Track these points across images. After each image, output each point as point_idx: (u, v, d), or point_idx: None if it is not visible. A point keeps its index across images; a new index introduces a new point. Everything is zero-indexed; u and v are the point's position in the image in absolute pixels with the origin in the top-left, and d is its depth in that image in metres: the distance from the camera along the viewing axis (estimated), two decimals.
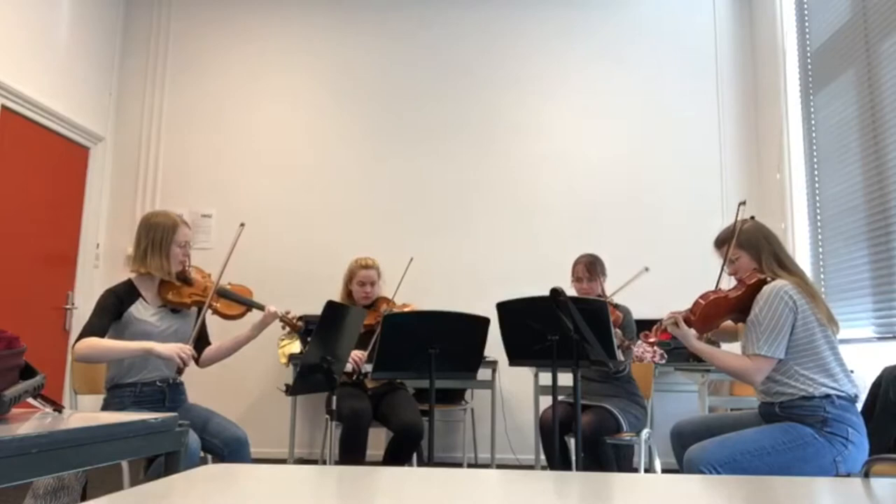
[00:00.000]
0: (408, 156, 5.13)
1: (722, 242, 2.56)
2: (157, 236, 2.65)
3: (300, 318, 2.87)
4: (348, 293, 3.54)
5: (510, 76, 5.17)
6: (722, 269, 2.53)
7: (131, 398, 2.56)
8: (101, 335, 2.50)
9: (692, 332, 2.44)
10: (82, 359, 2.47)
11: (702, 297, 2.45)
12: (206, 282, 2.77)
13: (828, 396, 2.21)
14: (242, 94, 5.25)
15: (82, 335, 2.48)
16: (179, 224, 2.71)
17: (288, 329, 2.83)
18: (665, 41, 5.16)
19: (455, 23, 5.26)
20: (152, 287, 2.69)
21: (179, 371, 2.53)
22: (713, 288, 2.48)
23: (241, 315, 2.79)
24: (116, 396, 2.57)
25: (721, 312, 2.45)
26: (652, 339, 2.47)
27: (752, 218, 2.53)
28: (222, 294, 2.75)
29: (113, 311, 2.57)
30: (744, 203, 2.55)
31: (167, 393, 2.64)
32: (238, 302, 2.78)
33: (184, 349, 2.48)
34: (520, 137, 5.10)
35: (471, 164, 5.09)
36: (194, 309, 2.77)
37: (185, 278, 2.73)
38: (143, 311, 2.62)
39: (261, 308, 2.77)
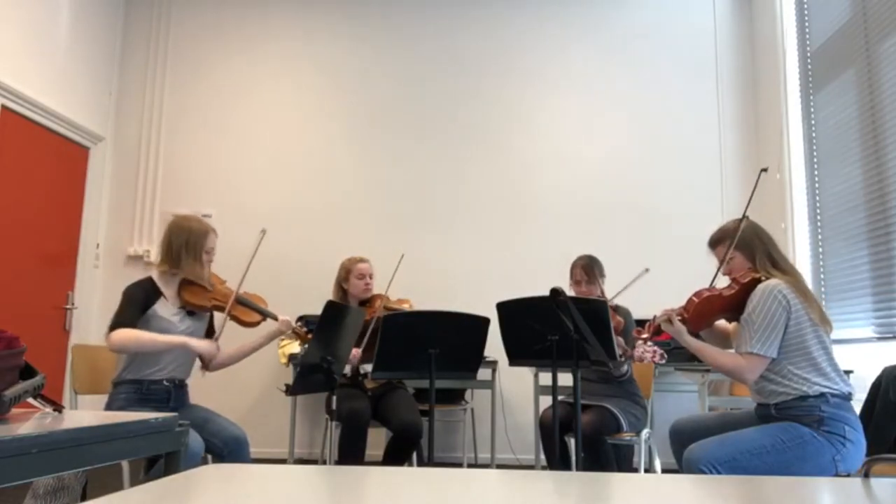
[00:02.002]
0: (407, 155, 5.12)
1: (715, 242, 2.57)
2: (192, 240, 2.73)
3: (301, 319, 2.91)
4: (342, 292, 3.55)
5: (511, 75, 5.17)
6: (718, 270, 2.53)
7: (137, 395, 2.59)
8: (132, 327, 2.55)
9: (685, 329, 2.43)
10: (118, 349, 2.55)
11: (695, 294, 2.45)
12: (223, 287, 2.84)
13: (822, 395, 2.21)
14: (242, 93, 5.25)
15: (114, 326, 2.55)
16: (210, 231, 2.79)
17: (297, 339, 2.89)
18: (665, 41, 5.16)
19: (455, 22, 5.25)
20: (173, 287, 2.75)
21: (206, 367, 2.69)
22: (707, 286, 2.49)
23: (257, 324, 2.85)
24: (123, 392, 2.60)
25: (714, 310, 2.45)
26: (645, 336, 2.47)
27: (746, 217, 2.53)
28: (241, 302, 2.80)
29: (141, 304, 2.64)
30: (765, 170, 2.57)
31: (172, 393, 2.67)
32: (255, 310, 2.83)
33: (217, 347, 2.67)
34: (520, 137, 5.10)
35: (471, 163, 5.08)
36: (207, 313, 2.83)
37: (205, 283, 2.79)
38: (165, 309, 2.68)
39: (275, 318, 2.83)
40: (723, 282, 2.51)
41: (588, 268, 3.29)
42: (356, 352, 3.23)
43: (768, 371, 2.31)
